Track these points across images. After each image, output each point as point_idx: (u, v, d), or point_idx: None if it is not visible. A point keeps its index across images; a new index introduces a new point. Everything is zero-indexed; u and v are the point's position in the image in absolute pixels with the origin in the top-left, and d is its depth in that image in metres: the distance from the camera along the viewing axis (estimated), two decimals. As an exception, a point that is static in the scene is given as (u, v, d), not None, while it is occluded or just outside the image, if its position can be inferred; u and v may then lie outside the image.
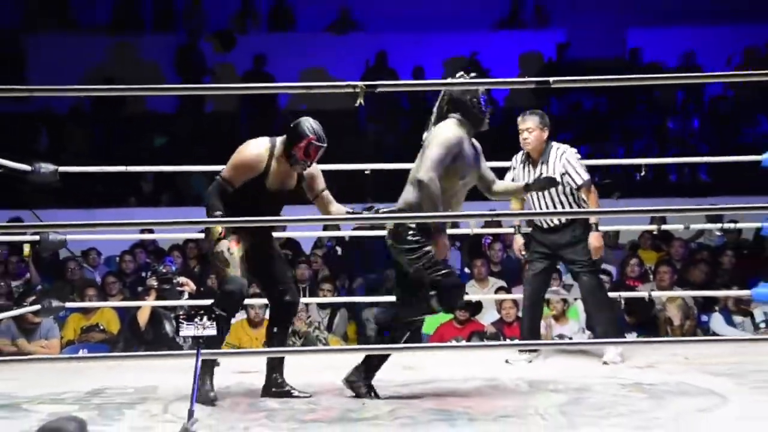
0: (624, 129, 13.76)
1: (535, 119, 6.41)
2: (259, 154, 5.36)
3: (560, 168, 6.29)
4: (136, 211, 12.21)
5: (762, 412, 4.79)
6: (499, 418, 4.64)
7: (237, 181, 5.29)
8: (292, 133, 5.33)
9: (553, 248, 6.42)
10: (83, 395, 5.41)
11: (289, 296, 5.45)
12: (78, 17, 15.99)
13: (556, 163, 6.33)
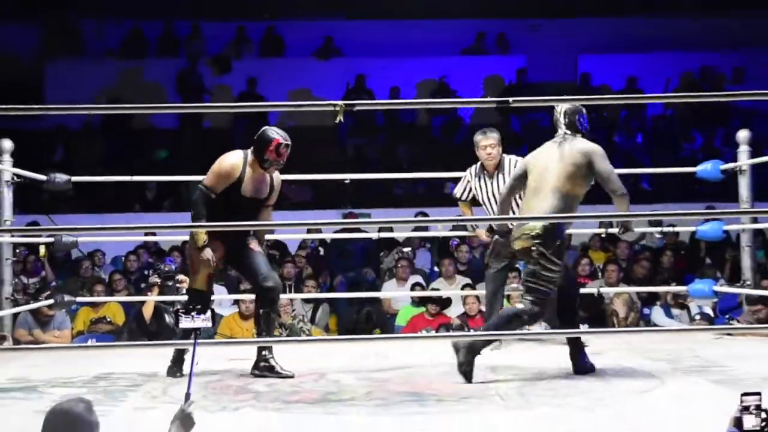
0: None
1: (495, 136, 6.47)
2: (235, 163, 5.44)
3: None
4: (140, 216, 12.16)
5: (694, 392, 4.80)
6: (462, 399, 4.62)
7: (218, 188, 5.38)
8: (260, 141, 5.42)
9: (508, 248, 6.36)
10: (91, 379, 5.39)
11: (270, 282, 5.45)
12: (90, 45, 15.93)
13: (512, 171, 6.24)
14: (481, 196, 6.49)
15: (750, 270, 7.32)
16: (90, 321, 8.20)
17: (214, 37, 15.92)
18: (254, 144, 5.46)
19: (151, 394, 4.90)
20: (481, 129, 6.66)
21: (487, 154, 6.42)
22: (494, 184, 6.39)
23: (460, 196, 6.65)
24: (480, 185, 6.47)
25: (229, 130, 14.72)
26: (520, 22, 16.13)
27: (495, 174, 6.42)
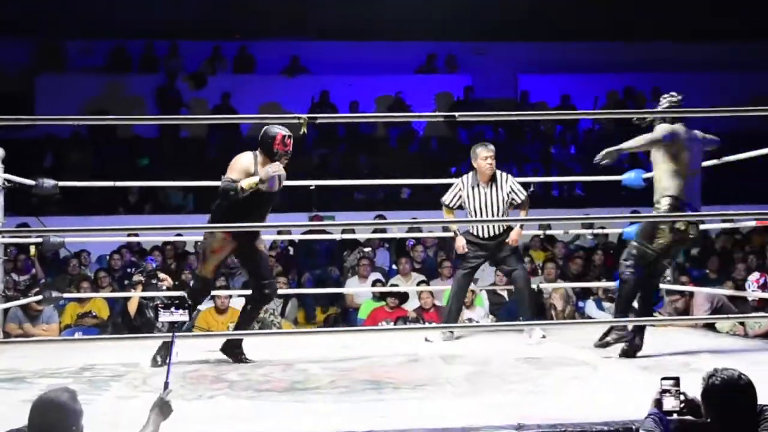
0: (517, 154, 13.85)
1: (493, 149, 6.46)
2: (249, 159, 5.46)
3: (507, 188, 6.39)
4: (123, 218, 12.01)
5: (622, 377, 4.82)
6: (417, 387, 4.58)
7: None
8: (265, 138, 5.46)
9: (490, 252, 6.47)
10: (77, 370, 5.28)
11: (269, 290, 5.56)
12: (76, 61, 15.71)
13: (504, 185, 6.40)
14: (473, 204, 6.42)
15: (669, 267, 7.34)
16: (77, 315, 8.08)
17: (190, 55, 15.79)
18: (260, 144, 5.48)
19: (133, 384, 4.82)
20: (481, 142, 6.68)
21: (488, 164, 6.37)
22: (488, 194, 6.39)
23: (449, 203, 6.55)
24: (474, 194, 6.41)
25: (204, 140, 14.61)
26: (467, 45, 16.16)
27: (489, 185, 6.41)
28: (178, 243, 10.31)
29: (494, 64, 15.97)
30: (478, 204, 6.40)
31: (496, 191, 6.37)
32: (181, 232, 10.05)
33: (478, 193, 6.40)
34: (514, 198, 6.40)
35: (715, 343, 6.17)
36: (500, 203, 6.37)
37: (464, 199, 6.45)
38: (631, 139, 5.62)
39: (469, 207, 6.45)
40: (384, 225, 6.68)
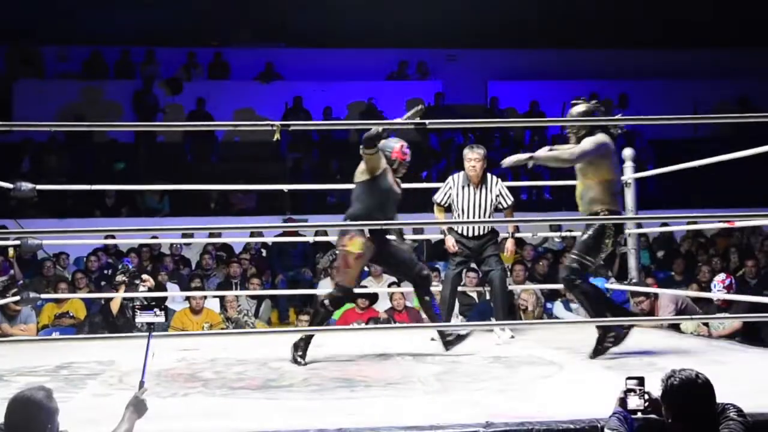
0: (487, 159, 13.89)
1: (481, 152, 6.42)
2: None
3: (496, 191, 6.43)
4: (100, 221, 11.94)
5: (588, 376, 4.82)
6: (388, 385, 4.59)
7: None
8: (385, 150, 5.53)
9: (473, 251, 6.48)
10: (54, 369, 5.24)
11: (426, 270, 5.71)
12: (53, 68, 15.60)
13: (493, 188, 6.43)
14: (461, 204, 6.44)
15: (635, 269, 7.42)
16: (54, 316, 8.03)
17: (167, 61, 15.75)
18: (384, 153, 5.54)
19: (108, 382, 4.79)
20: (470, 144, 6.69)
21: (471, 166, 6.38)
22: (477, 195, 6.41)
23: (440, 201, 6.55)
24: (463, 194, 6.43)
25: (180, 145, 14.55)
26: (438, 52, 16.25)
27: (479, 186, 6.43)
28: (154, 245, 10.27)
29: (464, 71, 16.06)
30: (465, 204, 6.42)
31: (484, 193, 6.41)
32: (156, 234, 10.04)
33: (468, 193, 6.42)
34: (501, 202, 6.45)
35: (680, 343, 6.21)
36: (486, 205, 6.41)
37: (453, 197, 6.47)
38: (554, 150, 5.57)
39: (456, 206, 6.48)
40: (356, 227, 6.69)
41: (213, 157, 14.44)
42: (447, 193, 6.51)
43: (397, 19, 14.88)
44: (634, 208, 7.29)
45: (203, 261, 9.88)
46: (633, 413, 3.31)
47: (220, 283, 9.23)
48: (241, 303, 8.30)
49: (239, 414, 3.92)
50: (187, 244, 10.73)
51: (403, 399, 4.22)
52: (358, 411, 3.89)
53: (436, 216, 6.65)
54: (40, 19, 14.56)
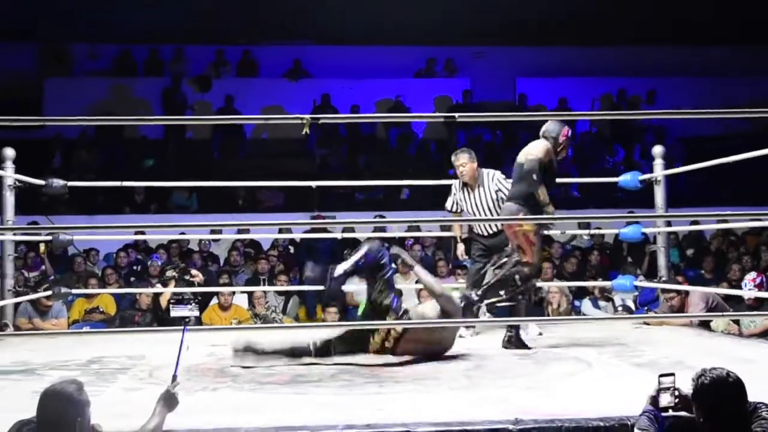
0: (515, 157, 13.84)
1: (465, 156, 6.45)
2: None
3: (494, 186, 6.42)
4: (129, 218, 12.04)
5: (616, 374, 4.81)
6: (416, 381, 4.58)
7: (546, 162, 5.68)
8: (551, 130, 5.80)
9: (490, 248, 6.46)
10: (85, 363, 5.29)
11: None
12: (83, 65, 15.74)
13: (490, 184, 6.43)
14: (466, 206, 6.53)
15: (665, 267, 7.38)
16: (84, 311, 8.11)
17: (195, 59, 15.83)
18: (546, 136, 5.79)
19: (139, 377, 4.83)
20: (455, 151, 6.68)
21: (459, 172, 6.46)
22: (474, 196, 6.46)
23: (450, 208, 6.67)
24: (464, 197, 6.52)
25: (208, 142, 14.64)
26: (465, 49, 16.20)
27: (476, 187, 6.46)
28: (182, 242, 10.34)
29: (492, 68, 16.00)
30: (470, 205, 6.51)
31: (483, 192, 6.44)
32: (185, 231, 10.10)
33: (468, 195, 6.50)
34: (503, 195, 6.37)
35: (710, 342, 6.16)
36: (489, 202, 6.43)
37: (458, 201, 6.58)
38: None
39: (465, 208, 6.57)
40: (383, 224, 6.70)
41: (241, 153, 14.51)
42: (454, 200, 6.63)
43: (424, 16, 14.85)
44: (664, 206, 7.25)
45: (231, 257, 9.93)
46: (664, 411, 3.28)
47: (248, 280, 9.27)
48: (268, 299, 8.34)
49: (268, 408, 3.94)
50: (215, 241, 10.79)
51: (431, 395, 4.22)
52: (387, 407, 3.90)
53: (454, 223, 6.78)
54: (71, 17, 14.70)
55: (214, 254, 10.60)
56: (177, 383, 3.44)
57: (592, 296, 8.45)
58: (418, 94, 15.30)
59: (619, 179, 7.39)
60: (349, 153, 14.32)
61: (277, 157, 13.72)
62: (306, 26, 15.57)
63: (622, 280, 7.38)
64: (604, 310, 8.26)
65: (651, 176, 7.31)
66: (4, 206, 6.55)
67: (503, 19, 15.00)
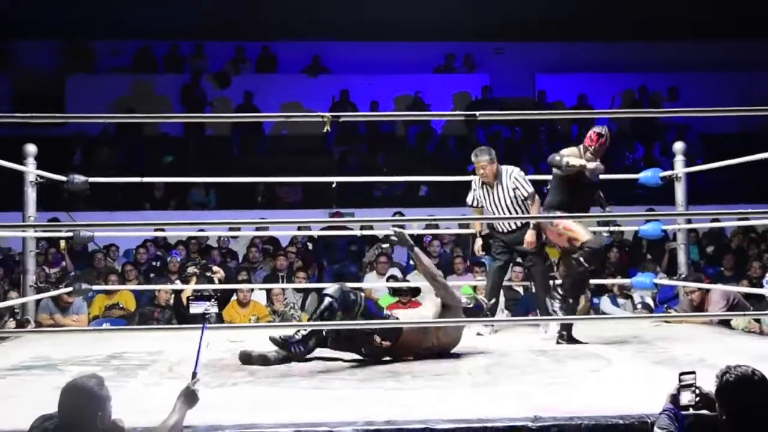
0: (533, 153, 13.83)
1: (485, 158, 6.41)
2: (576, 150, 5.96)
3: (512, 184, 6.41)
4: (149, 214, 12.10)
5: (635, 371, 4.80)
6: (435, 377, 4.59)
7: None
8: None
9: (510, 245, 6.50)
10: (105, 358, 5.33)
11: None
12: (104, 62, 15.82)
13: (508, 182, 6.42)
14: (485, 203, 6.53)
15: (685, 264, 7.34)
16: (105, 307, 8.15)
17: (215, 55, 15.89)
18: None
19: (159, 372, 4.85)
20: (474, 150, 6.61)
21: (481, 174, 6.46)
22: (494, 193, 6.45)
23: (471, 203, 6.66)
24: (483, 193, 6.52)
25: (228, 138, 14.68)
26: (485, 45, 16.16)
27: (495, 184, 6.45)
28: (201, 238, 10.38)
29: (512, 64, 15.95)
30: (488, 202, 6.50)
31: (501, 189, 6.43)
32: (204, 227, 10.15)
33: (487, 192, 6.49)
34: (520, 194, 6.42)
35: (730, 340, 6.12)
36: (507, 199, 6.42)
37: (478, 198, 6.57)
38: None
39: (484, 205, 6.56)
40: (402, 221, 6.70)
41: (260, 150, 14.54)
42: (474, 196, 6.62)
43: (444, 12, 14.83)
44: (684, 203, 7.21)
45: (250, 254, 9.96)
46: (685, 409, 3.26)
47: (267, 276, 9.29)
48: (287, 296, 8.35)
49: (287, 404, 3.95)
50: (234, 237, 10.83)
51: (450, 391, 4.22)
52: (406, 403, 3.90)
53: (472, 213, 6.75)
54: (92, 14, 14.78)
55: (233, 251, 10.64)
56: (197, 380, 3.46)
57: (611, 294, 8.40)
58: (437, 89, 15.29)
59: (640, 176, 7.34)
60: (368, 150, 14.32)
61: (296, 154, 13.74)
62: (325, 22, 15.58)
63: (642, 277, 7.35)
64: (623, 307, 8.22)
65: (671, 173, 7.27)
66: (26, 202, 6.60)
67: (523, 15, 14.95)
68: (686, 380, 3.27)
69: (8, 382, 4.62)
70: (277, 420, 3.61)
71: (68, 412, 3.09)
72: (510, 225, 6.48)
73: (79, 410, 3.08)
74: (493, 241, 6.62)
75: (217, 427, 3.53)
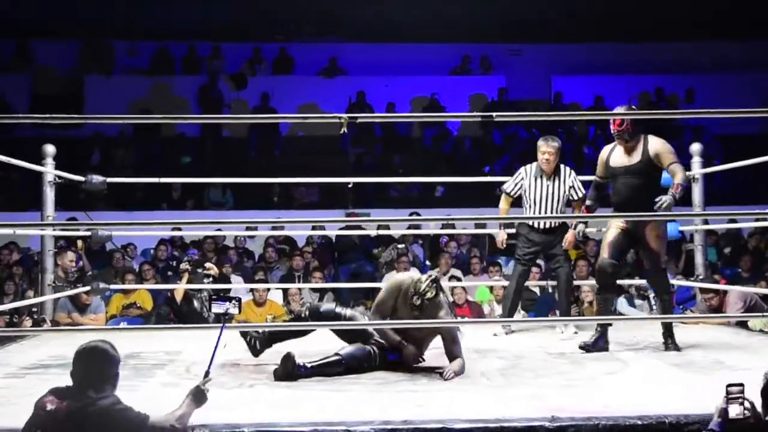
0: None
1: (555, 145, 6.27)
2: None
3: (569, 182, 6.28)
4: (166, 214, 12.13)
5: (653, 373, 4.76)
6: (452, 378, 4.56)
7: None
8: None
9: (541, 246, 6.32)
10: (122, 358, 5.18)
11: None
12: (122, 63, 15.88)
13: (566, 179, 6.28)
14: (532, 195, 6.28)
15: (702, 266, 7.29)
16: (122, 306, 8.16)
17: (232, 56, 15.92)
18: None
19: (176, 372, 4.85)
20: (544, 136, 6.43)
21: (545, 159, 6.24)
22: (550, 186, 6.26)
23: (510, 191, 6.38)
24: (535, 184, 6.27)
25: (244, 139, 14.71)
26: (501, 47, 16.14)
27: (552, 178, 6.27)
28: (218, 238, 10.40)
29: (528, 66, 15.92)
30: (537, 195, 6.27)
31: (558, 185, 6.26)
32: (221, 227, 10.16)
33: (540, 184, 6.26)
34: (572, 194, 6.28)
35: (748, 341, 6.06)
36: (559, 197, 6.26)
37: (525, 188, 6.30)
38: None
39: (527, 197, 6.31)
40: (418, 221, 6.67)
41: (276, 151, 14.56)
42: (518, 184, 6.35)
43: (460, 14, 14.81)
44: (702, 204, 7.16)
45: (266, 254, 9.97)
46: (734, 422, 3.16)
47: (283, 276, 9.30)
48: (303, 295, 8.35)
49: (304, 405, 3.94)
50: (250, 237, 10.84)
51: (466, 393, 4.20)
52: (423, 404, 3.89)
53: (501, 206, 6.44)
54: (110, 15, 14.85)
55: (250, 250, 10.66)
56: (209, 380, 3.45)
57: (627, 295, 8.35)
58: (453, 91, 15.27)
59: (657, 177, 7.28)
60: (384, 151, 14.31)
61: (312, 155, 13.76)
62: (341, 24, 15.60)
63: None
64: (640, 308, 8.16)
65: (689, 174, 7.21)
66: (45, 202, 6.63)
67: (539, 16, 14.91)
68: (734, 392, 3.17)
69: (27, 380, 4.63)
70: (295, 419, 3.60)
71: (84, 372, 3.17)
72: (553, 223, 6.29)
73: (98, 371, 3.18)
74: (521, 240, 6.37)
75: (235, 426, 3.52)
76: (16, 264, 9.44)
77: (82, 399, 3.10)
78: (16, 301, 7.65)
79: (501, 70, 16.12)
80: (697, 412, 3.53)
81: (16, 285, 8.74)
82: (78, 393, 3.13)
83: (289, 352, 4.62)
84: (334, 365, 4.68)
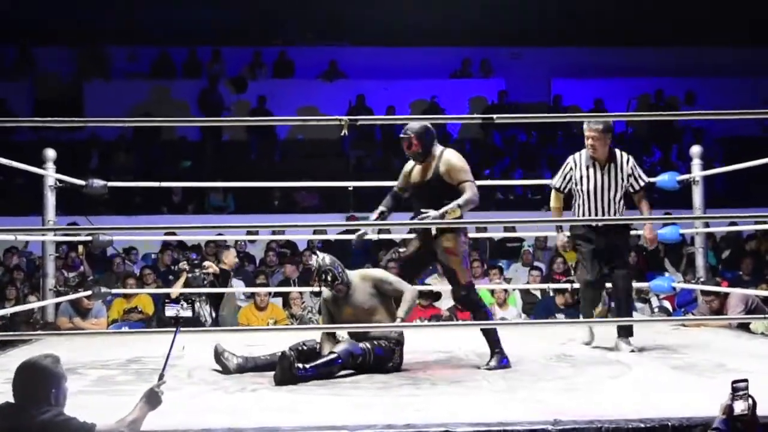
0: (549, 157, 13.78)
1: (598, 128, 5.40)
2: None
3: (628, 170, 5.50)
4: (167, 218, 12.13)
5: (655, 377, 4.75)
6: (453, 383, 4.57)
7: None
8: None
9: (600, 246, 5.49)
10: (124, 362, 5.33)
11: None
12: (121, 68, 15.89)
13: (624, 166, 5.49)
14: (584, 187, 5.49)
15: (703, 268, 7.29)
16: (123, 311, 8.16)
17: (232, 60, 15.93)
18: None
19: (178, 377, 4.83)
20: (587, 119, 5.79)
21: (590, 144, 5.41)
22: (604, 176, 5.46)
23: (559, 186, 5.62)
24: (587, 174, 5.47)
25: (245, 143, 14.72)
26: (501, 50, 16.15)
27: (606, 166, 5.45)
28: (219, 242, 10.38)
29: (528, 69, 15.93)
30: (590, 186, 5.47)
31: (615, 173, 5.45)
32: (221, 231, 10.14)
33: (594, 174, 5.46)
34: (633, 184, 5.49)
35: (750, 343, 6.07)
36: (618, 188, 5.46)
37: (575, 179, 5.51)
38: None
39: (580, 190, 5.52)
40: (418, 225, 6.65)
41: (276, 155, 14.56)
42: (567, 176, 5.57)
43: (460, 17, 14.81)
44: (702, 207, 7.16)
45: (267, 258, 9.96)
46: (739, 419, 3.15)
47: (284, 280, 9.29)
48: (305, 300, 8.35)
49: (306, 409, 3.94)
50: (251, 241, 10.83)
51: (468, 397, 4.20)
52: (425, 407, 3.88)
53: (552, 205, 5.72)
54: (110, 20, 14.86)
55: (251, 254, 10.65)
56: (163, 382, 3.45)
57: (628, 298, 8.34)
58: (453, 94, 15.28)
59: (657, 179, 7.28)
60: (384, 154, 14.32)
61: (312, 158, 13.76)
62: (342, 27, 15.61)
63: (660, 281, 7.29)
64: (641, 311, 8.17)
65: (689, 177, 7.22)
66: (46, 206, 6.63)
67: (539, 20, 14.93)
68: (739, 389, 3.17)
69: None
70: (298, 423, 3.60)
71: (24, 391, 3.12)
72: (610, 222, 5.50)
73: (34, 388, 3.10)
74: (581, 245, 5.58)
75: (237, 430, 3.53)
76: (17, 268, 9.45)
77: (23, 416, 3.06)
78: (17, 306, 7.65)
79: (501, 73, 16.13)
80: (699, 415, 3.53)
81: (17, 290, 8.74)
82: (18, 410, 3.10)
83: (285, 351, 4.63)
84: (332, 364, 4.70)
